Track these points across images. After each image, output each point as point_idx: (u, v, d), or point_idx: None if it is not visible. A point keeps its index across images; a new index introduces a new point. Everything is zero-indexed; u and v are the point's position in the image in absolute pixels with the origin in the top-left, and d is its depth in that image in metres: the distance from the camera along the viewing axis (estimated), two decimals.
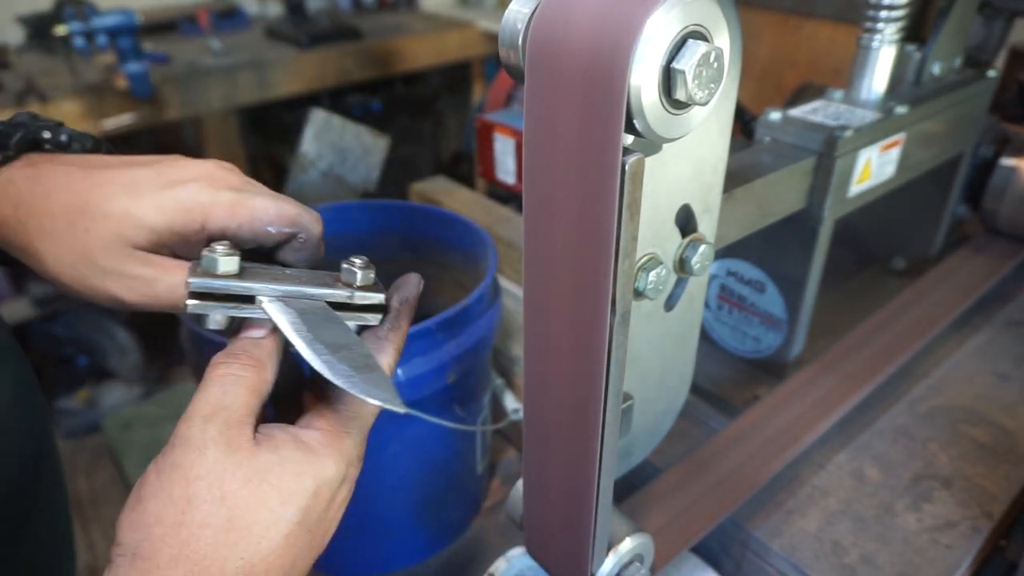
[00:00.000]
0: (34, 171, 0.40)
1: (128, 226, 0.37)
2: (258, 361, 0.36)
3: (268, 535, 0.32)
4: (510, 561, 0.47)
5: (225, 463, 0.32)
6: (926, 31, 0.74)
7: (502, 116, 1.09)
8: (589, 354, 0.33)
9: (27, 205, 0.38)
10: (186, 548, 0.31)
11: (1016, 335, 0.78)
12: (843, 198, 0.62)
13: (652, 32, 0.26)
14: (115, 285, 0.38)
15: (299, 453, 0.34)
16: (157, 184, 0.38)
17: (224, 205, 0.38)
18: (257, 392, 0.35)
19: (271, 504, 0.32)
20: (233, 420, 0.33)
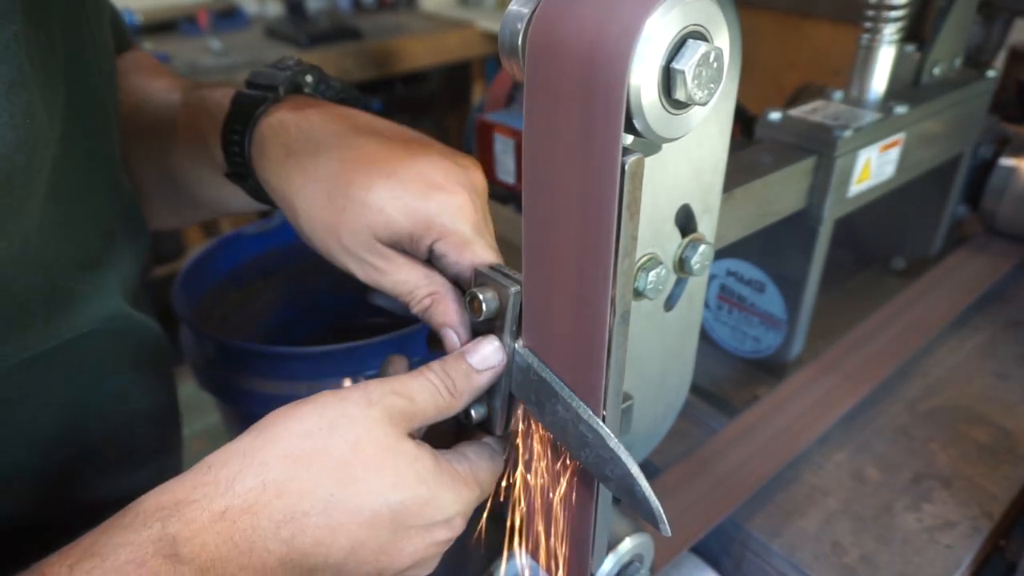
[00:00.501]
0: (303, 119, 0.43)
1: (380, 221, 0.39)
2: (460, 392, 0.37)
3: (362, 498, 0.32)
4: (510, 561, 0.47)
5: (377, 427, 0.33)
6: (926, 31, 0.74)
7: (502, 116, 1.09)
8: (589, 354, 0.33)
9: (297, 156, 0.41)
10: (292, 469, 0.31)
11: (1016, 335, 0.78)
12: (843, 198, 0.62)
13: (651, 32, 0.26)
14: (351, 263, 0.41)
15: (433, 467, 0.35)
16: (416, 186, 0.39)
17: (458, 240, 0.39)
18: (437, 413, 0.36)
19: (384, 477, 0.33)
20: (408, 412, 0.35)
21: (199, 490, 0.31)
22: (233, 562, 0.30)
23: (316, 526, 0.31)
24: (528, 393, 0.37)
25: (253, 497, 0.31)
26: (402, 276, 0.40)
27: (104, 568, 0.28)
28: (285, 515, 0.31)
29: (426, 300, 0.41)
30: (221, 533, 0.30)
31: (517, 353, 0.37)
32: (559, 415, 0.35)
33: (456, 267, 0.40)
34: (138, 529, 0.29)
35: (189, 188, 0.52)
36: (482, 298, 0.36)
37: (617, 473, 0.33)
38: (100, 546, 0.29)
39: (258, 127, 0.43)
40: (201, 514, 0.30)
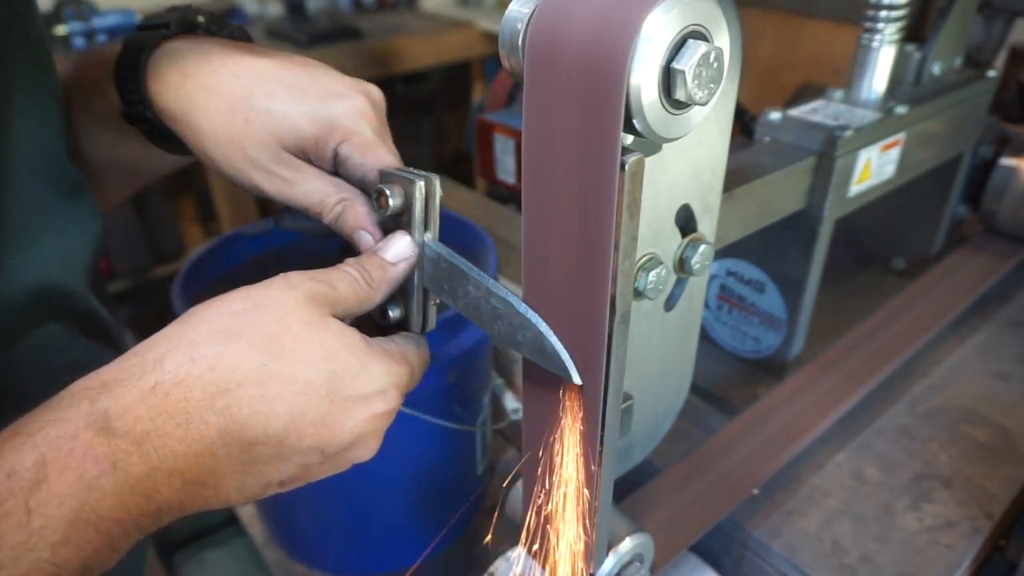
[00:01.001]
0: (199, 46, 0.43)
1: (284, 127, 0.40)
2: (377, 283, 0.38)
3: (295, 368, 0.32)
4: (510, 561, 0.47)
5: (301, 305, 0.34)
6: (926, 31, 0.74)
7: (502, 116, 1.09)
8: (589, 354, 0.33)
9: (194, 77, 0.41)
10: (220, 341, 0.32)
11: (1016, 335, 0.78)
12: (843, 198, 0.62)
13: (651, 32, 0.26)
14: (260, 177, 0.41)
15: (361, 342, 0.35)
16: (317, 93, 0.41)
17: (361, 140, 0.41)
18: (357, 302, 0.37)
19: (314, 348, 0.33)
20: (329, 296, 0.35)
21: (126, 371, 0.30)
22: (170, 435, 0.29)
23: (252, 396, 0.31)
24: (440, 283, 0.39)
25: (184, 371, 0.30)
26: (311, 185, 0.41)
27: (35, 442, 0.27)
28: (219, 386, 0.31)
29: (337, 207, 0.42)
30: (154, 406, 0.29)
31: (426, 245, 0.39)
32: (471, 295, 0.37)
33: (361, 169, 0.41)
34: (66, 408, 0.29)
35: (90, 153, 0.51)
36: (389, 193, 0.38)
37: (528, 336, 0.35)
38: (27, 424, 0.28)
39: (152, 58, 0.42)
40: (131, 391, 0.30)
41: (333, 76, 0.42)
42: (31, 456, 0.27)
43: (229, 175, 0.42)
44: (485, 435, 0.69)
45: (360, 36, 2.17)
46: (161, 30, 0.44)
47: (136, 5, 1.95)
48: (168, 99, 0.42)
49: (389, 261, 0.39)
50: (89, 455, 0.28)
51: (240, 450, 0.32)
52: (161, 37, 0.43)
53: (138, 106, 0.44)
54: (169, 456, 0.30)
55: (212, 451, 0.31)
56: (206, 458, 0.31)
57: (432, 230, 0.39)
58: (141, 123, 0.45)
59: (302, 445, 0.33)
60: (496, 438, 0.79)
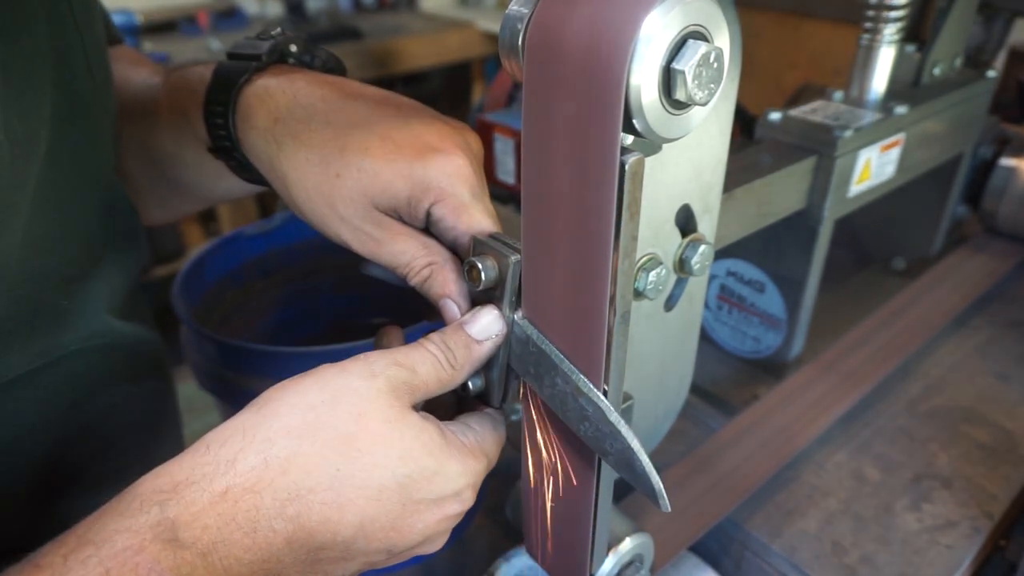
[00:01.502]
0: (290, 85, 0.41)
1: (376, 186, 0.38)
2: (461, 364, 0.36)
3: (369, 472, 0.31)
4: (510, 561, 0.47)
5: (382, 399, 0.32)
6: (926, 31, 0.74)
7: (502, 116, 1.09)
8: (589, 354, 0.33)
9: (285, 123, 0.39)
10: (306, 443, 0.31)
11: (1016, 335, 0.78)
12: (843, 198, 0.62)
13: (651, 32, 0.26)
14: (347, 233, 0.39)
15: (439, 440, 0.34)
16: (413, 149, 0.38)
17: (455, 203, 0.38)
18: (439, 385, 0.35)
19: (391, 450, 0.32)
20: (411, 384, 0.33)
21: (198, 471, 0.29)
22: (237, 544, 0.29)
23: (323, 503, 0.30)
24: (527, 365, 0.36)
25: (256, 475, 0.29)
26: (399, 246, 0.39)
27: (100, 556, 0.27)
28: (290, 493, 0.30)
29: (424, 271, 0.39)
30: (223, 515, 0.29)
31: (516, 324, 0.36)
32: (558, 388, 0.34)
33: (453, 232, 0.39)
34: (135, 514, 0.28)
35: (172, 172, 0.50)
36: (481, 267, 0.35)
37: (616, 447, 0.33)
38: (95, 533, 0.27)
39: (242, 95, 0.41)
40: (201, 495, 0.29)
41: (429, 124, 0.39)
42: (96, 571, 0.27)
43: (315, 226, 0.40)
44: None
45: (360, 36, 2.17)
46: (252, 63, 0.42)
47: (136, 5, 1.96)
48: (256, 144, 0.41)
49: (475, 339, 0.36)
50: (155, 570, 0.27)
51: (306, 554, 0.31)
52: (253, 70, 0.42)
53: (226, 143, 0.42)
54: (234, 565, 0.29)
55: (278, 557, 0.30)
56: (272, 564, 0.30)
57: (523, 308, 0.36)
58: (228, 159, 0.44)
59: (369, 548, 0.32)
60: None
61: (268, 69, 0.42)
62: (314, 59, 0.45)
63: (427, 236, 0.40)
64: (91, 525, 0.28)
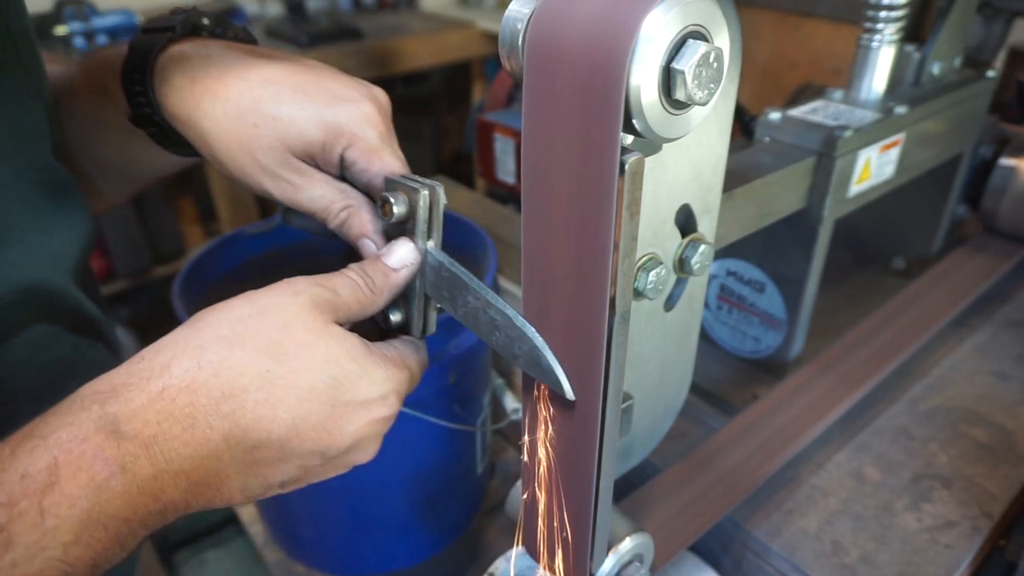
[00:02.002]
0: (205, 49, 0.43)
1: (292, 133, 0.40)
2: (380, 289, 0.38)
3: (297, 374, 0.33)
4: (510, 561, 0.47)
5: (305, 312, 0.34)
6: (926, 31, 0.74)
7: (502, 116, 1.09)
8: (589, 354, 0.33)
9: (200, 80, 0.42)
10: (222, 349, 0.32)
11: (1016, 335, 0.78)
12: (843, 198, 0.62)
13: (651, 32, 0.26)
14: (268, 181, 0.42)
15: (362, 348, 0.36)
16: (323, 97, 0.41)
17: (366, 145, 0.41)
18: (360, 307, 0.38)
19: (316, 354, 0.34)
20: (332, 302, 0.36)
21: (135, 375, 0.31)
22: (177, 438, 0.30)
23: (255, 401, 0.32)
24: (441, 291, 0.39)
25: (190, 376, 0.31)
26: (317, 191, 0.42)
27: (47, 445, 0.28)
28: (224, 391, 0.31)
29: (342, 213, 0.42)
30: (161, 411, 0.30)
31: (429, 253, 0.39)
32: (470, 305, 0.37)
33: (366, 175, 0.41)
34: (76, 412, 0.29)
35: (96, 153, 0.51)
36: (393, 200, 0.38)
37: (524, 349, 0.35)
38: (39, 428, 0.29)
39: (158, 61, 0.43)
40: (139, 395, 0.30)
41: (339, 80, 0.42)
42: (44, 459, 0.28)
43: (237, 178, 0.42)
44: (485, 435, 0.69)
45: (360, 36, 2.17)
46: (166, 33, 0.44)
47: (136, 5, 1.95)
48: (176, 104, 0.42)
49: (392, 267, 0.39)
50: (99, 458, 0.28)
51: (243, 453, 0.32)
52: (167, 40, 0.43)
53: (145, 109, 0.44)
54: (175, 459, 0.30)
55: (217, 454, 0.31)
56: (211, 460, 0.31)
57: (435, 238, 0.39)
58: (149, 126, 0.45)
59: (303, 449, 0.34)
60: (496, 438, 0.79)
61: (182, 39, 0.44)
62: (226, 31, 0.47)
63: (342, 182, 0.43)
64: (34, 425, 0.29)
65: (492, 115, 1.10)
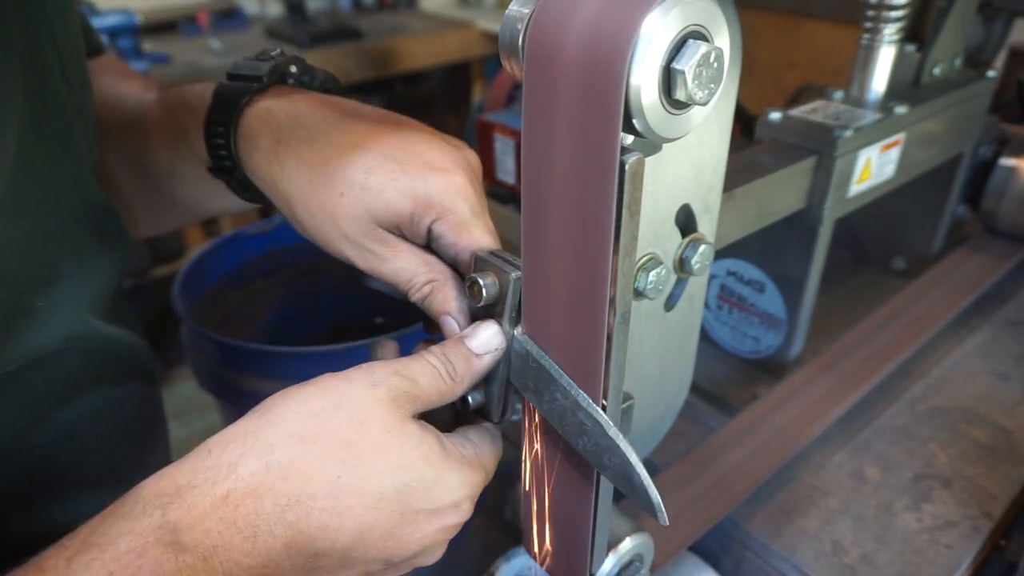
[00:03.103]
0: (291, 106, 0.41)
1: (379, 204, 0.38)
2: (461, 376, 0.36)
3: (369, 480, 0.31)
4: (510, 561, 0.47)
5: (383, 407, 0.32)
6: (926, 31, 0.74)
7: (502, 116, 1.09)
8: (589, 354, 0.33)
9: (288, 144, 0.40)
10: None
11: (1016, 335, 0.78)
12: (843, 198, 0.62)
13: (651, 32, 0.26)
14: (350, 250, 0.40)
15: (439, 450, 0.34)
16: (414, 166, 0.39)
17: (456, 220, 0.39)
18: (439, 397, 0.35)
19: (391, 458, 0.32)
20: (411, 394, 0.34)
21: (200, 475, 0.30)
22: (237, 548, 0.29)
23: (322, 509, 0.30)
24: (526, 380, 0.37)
25: (257, 480, 0.30)
26: (401, 263, 0.40)
27: (104, 559, 0.27)
28: (290, 498, 0.30)
29: (426, 288, 0.40)
30: (224, 519, 0.29)
31: (516, 339, 0.37)
32: (557, 403, 0.35)
33: (454, 249, 0.39)
34: (138, 517, 0.28)
35: (168, 188, 0.50)
36: (482, 283, 0.36)
37: (615, 462, 0.33)
38: (98, 536, 0.28)
39: (244, 117, 0.42)
40: (203, 499, 0.29)
41: (430, 143, 0.40)
42: (100, 574, 0.27)
43: (318, 244, 0.41)
44: None
45: (360, 36, 2.17)
46: (253, 84, 0.42)
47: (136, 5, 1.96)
48: (260, 165, 0.41)
49: (475, 352, 0.37)
50: (157, 573, 0.27)
51: (304, 560, 0.31)
52: (254, 91, 0.42)
53: (227, 163, 0.43)
54: (234, 569, 0.29)
55: (277, 563, 0.30)
56: (271, 569, 0.30)
57: (523, 324, 0.37)
58: (227, 178, 0.44)
59: (367, 557, 0.32)
60: None
61: (269, 90, 0.43)
62: (313, 79, 0.46)
63: (428, 253, 0.40)
64: (94, 528, 0.28)
65: (492, 115, 1.10)
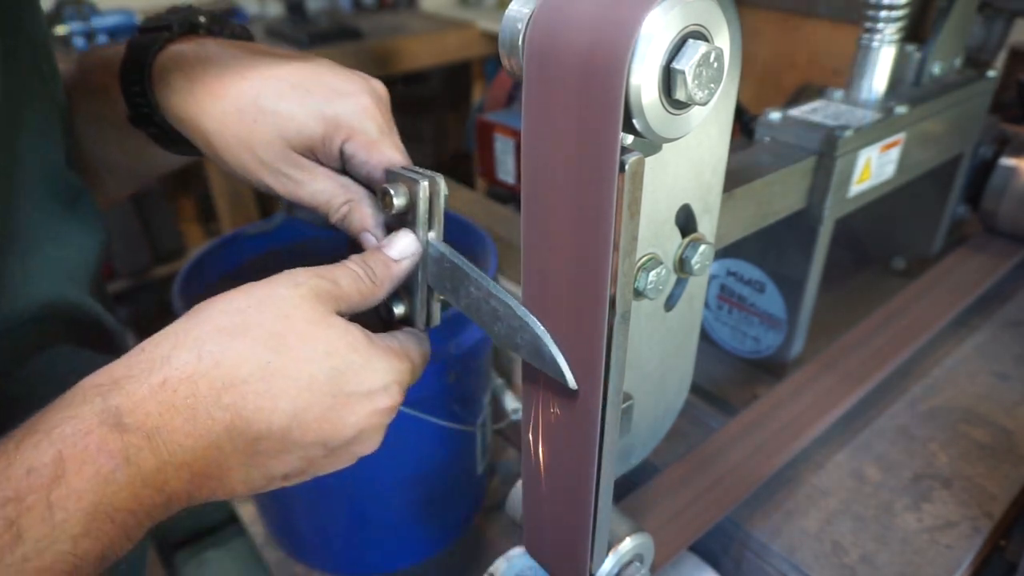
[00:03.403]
0: (203, 48, 0.43)
1: (291, 127, 0.40)
2: (381, 280, 0.38)
3: (298, 365, 0.33)
4: (510, 561, 0.47)
5: (305, 303, 0.34)
6: (926, 31, 0.74)
7: (502, 116, 1.09)
8: (589, 354, 0.33)
9: (199, 79, 0.41)
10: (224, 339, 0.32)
11: (1016, 335, 0.78)
12: (843, 198, 0.62)
13: (651, 32, 0.26)
14: (269, 177, 0.42)
15: (364, 338, 0.36)
16: (322, 91, 0.41)
17: (365, 138, 0.41)
18: (361, 298, 0.37)
19: (317, 345, 0.33)
20: (333, 293, 0.36)
21: (136, 367, 0.31)
22: (178, 429, 0.30)
23: (256, 392, 0.32)
24: (443, 282, 0.39)
25: (191, 368, 0.31)
26: (319, 185, 0.42)
27: (51, 439, 0.28)
28: (224, 382, 0.31)
29: (343, 208, 0.42)
30: (163, 402, 0.30)
31: (430, 245, 0.39)
32: (472, 296, 0.37)
33: (366, 167, 0.41)
34: (79, 405, 0.29)
35: (96, 152, 0.51)
36: (393, 192, 0.38)
37: (526, 339, 0.35)
38: (42, 422, 0.29)
39: (156, 61, 0.43)
40: (140, 386, 0.30)
41: (338, 73, 0.42)
42: (49, 452, 0.28)
43: (239, 175, 0.43)
44: (485, 435, 0.69)
45: (360, 36, 2.17)
46: (164, 32, 0.44)
47: (136, 5, 1.95)
48: (175, 104, 0.42)
49: (393, 258, 0.39)
50: (104, 450, 0.29)
51: (245, 444, 0.32)
52: (164, 40, 0.43)
53: (144, 110, 0.44)
54: (178, 450, 0.30)
55: (219, 445, 0.31)
56: (213, 451, 0.31)
57: (436, 229, 0.39)
58: (148, 127, 0.45)
59: (305, 440, 0.34)
60: (496, 438, 0.79)
61: (179, 39, 0.44)
62: (223, 30, 0.47)
63: (343, 176, 0.43)
64: (37, 418, 0.29)
65: (492, 115, 1.10)
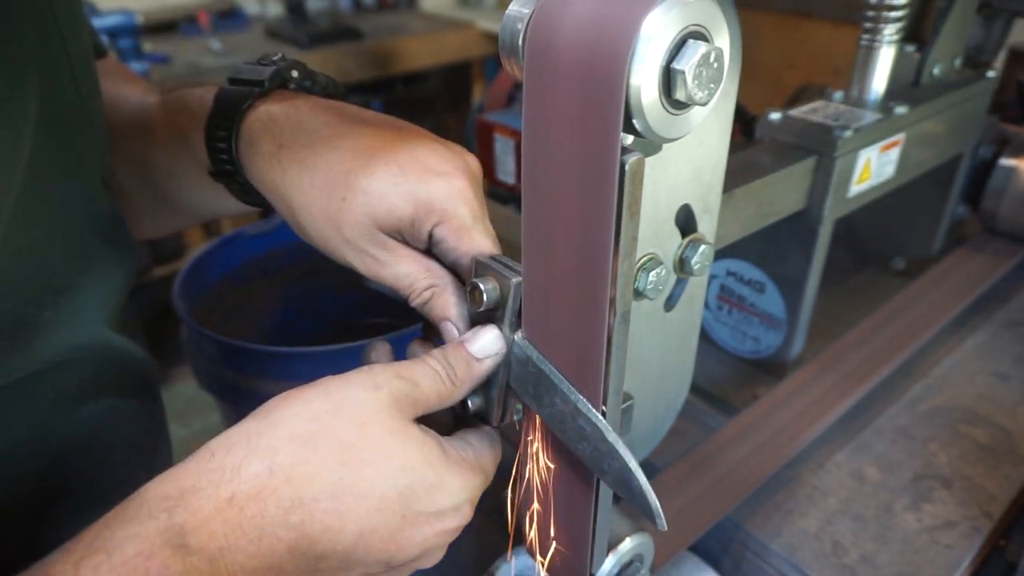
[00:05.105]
0: (293, 110, 0.41)
1: (382, 208, 0.38)
2: (461, 380, 0.36)
3: (370, 482, 0.31)
4: (510, 561, 0.47)
5: (384, 410, 0.33)
6: (926, 31, 0.74)
7: (502, 116, 1.09)
8: (589, 354, 0.33)
9: (290, 149, 0.40)
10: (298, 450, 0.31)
11: (1016, 335, 0.78)
12: (843, 198, 0.62)
13: (651, 32, 0.26)
14: (352, 255, 0.40)
15: (439, 453, 0.34)
16: (416, 172, 0.39)
17: (457, 224, 0.39)
18: (439, 400, 0.36)
19: (392, 460, 0.32)
20: (412, 397, 0.34)
21: (204, 477, 0.30)
22: (242, 550, 0.29)
23: (325, 511, 0.31)
24: (526, 385, 0.37)
25: (260, 483, 0.30)
26: (402, 268, 0.40)
27: (112, 563, 0.27)
28: (293, 500, 0.30)
29: (426, 293, 0.40)
30: (229, 521, 0.29)
31: (516, 344, 0.37)
32: (557, 408, 0.35)
33: (454, 254, 0.39)
34: (143, 520, 0.28)
35: (168, 191, 0.50)
36: (483, 288, 0.36)
37: (614, 467, 0.33)
38: (104, 540, 0.28)
39: (245, 121, 0.42)
40: (207, 502, 0.29)
41: (432, 148, 0.40)
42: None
43: (320, 248, 0.41)
44: None
45: (360, 36, 2.17)
46: (254, 88, 0.42)
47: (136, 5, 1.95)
48: (262, 169, 0.41)
49: (475, 356, 0.37)
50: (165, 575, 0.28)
51: (306, 563, 0.31)
52: (255, 96, 0.42)
53: (227, 167, 0.43)
54: (239, 571, 0.30)
55: (281, 565, 0.30)
56: (275, 571, 0.30)
57: (523, 328, 0.37)
58: (228, 182, 0.44)
59: (368, 559, 0.32)
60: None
61: (270, 95, 0.43)
62: (314, 84, 0.46)
63: (429, 258, 0.40)
64: (99, 532, 0.28)
65: (492, 115, 1.10)
